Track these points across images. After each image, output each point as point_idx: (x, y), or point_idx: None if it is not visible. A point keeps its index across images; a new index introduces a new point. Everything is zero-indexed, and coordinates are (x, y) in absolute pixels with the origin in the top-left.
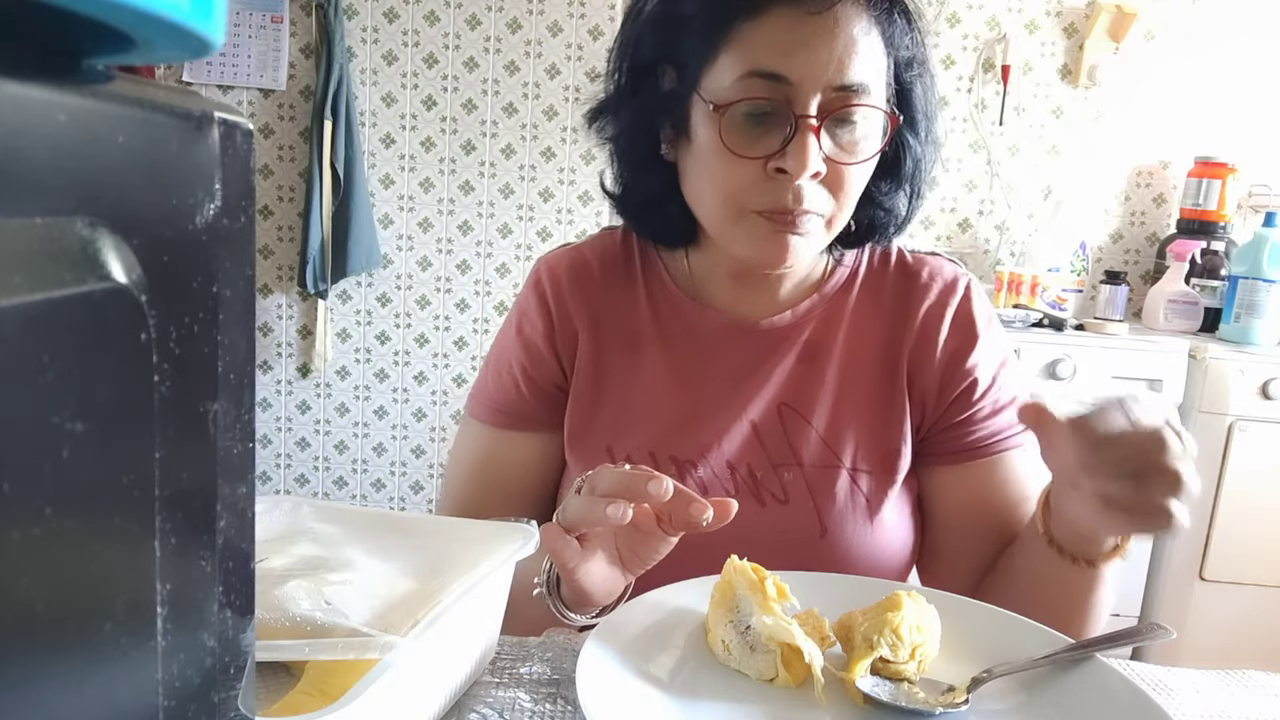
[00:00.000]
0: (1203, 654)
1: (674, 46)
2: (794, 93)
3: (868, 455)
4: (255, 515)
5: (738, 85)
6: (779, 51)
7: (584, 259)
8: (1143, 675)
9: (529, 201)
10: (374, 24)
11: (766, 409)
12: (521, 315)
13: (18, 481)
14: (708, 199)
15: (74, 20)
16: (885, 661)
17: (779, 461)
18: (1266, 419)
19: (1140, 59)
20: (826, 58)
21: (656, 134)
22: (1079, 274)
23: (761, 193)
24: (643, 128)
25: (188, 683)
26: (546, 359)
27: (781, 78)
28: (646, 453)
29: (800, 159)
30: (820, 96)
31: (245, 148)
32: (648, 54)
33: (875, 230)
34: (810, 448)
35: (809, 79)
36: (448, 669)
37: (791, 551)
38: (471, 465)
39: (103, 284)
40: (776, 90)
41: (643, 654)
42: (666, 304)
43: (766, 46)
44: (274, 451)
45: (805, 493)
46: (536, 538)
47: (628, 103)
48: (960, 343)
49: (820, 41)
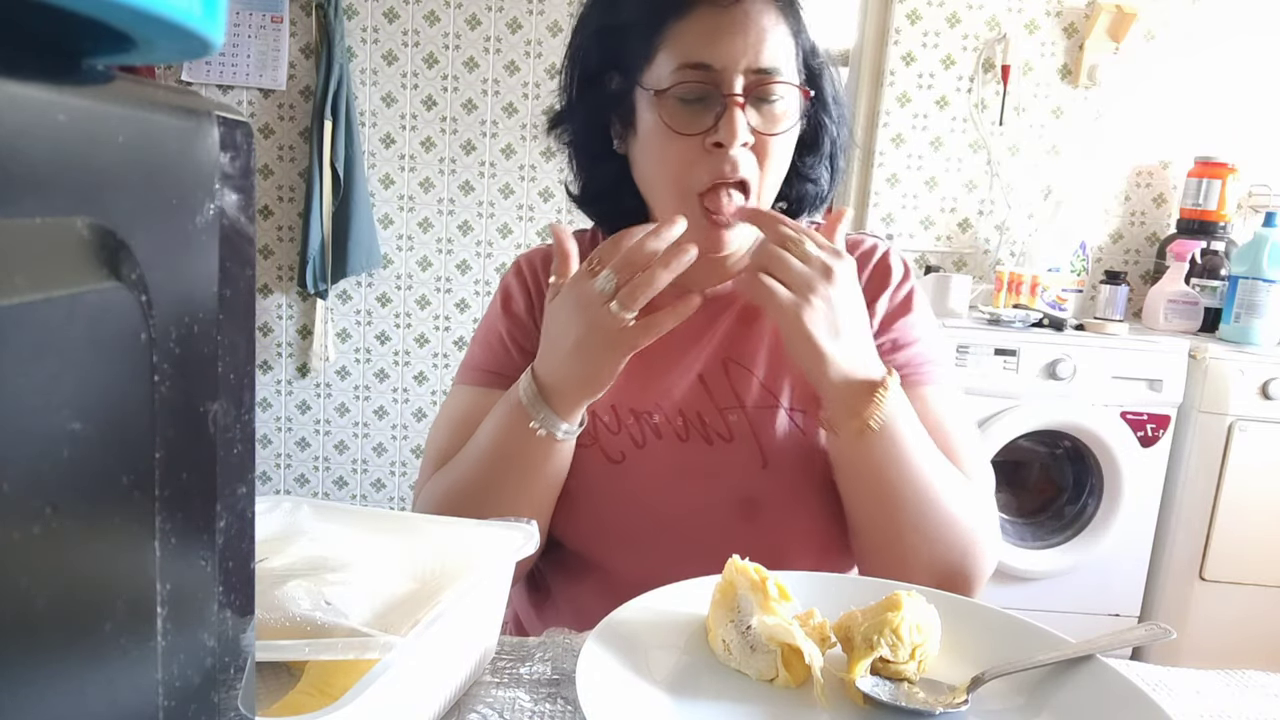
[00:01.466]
0: (1203, 654)
1: (616, 51)
2: (719, 77)
3: (802, 395)
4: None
5: (673, 76)
6: (704, 43)
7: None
8: (1143, 675)
9: (529, 201)
10: (374, 24)
11: (712, 363)
12: (506, 294)
13: (18, 481)
14: (656, 180)
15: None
16: (885, 661)
17: (724, 405)
18: (1266, 419)
19: (1140, 59)
20: (742, 44)
21: (608, 131)
22: (1079, 274)
23: (703, 168)
24: (595, 127)
25: (188, 683)
26: (530, 328)
27: (708, 66)
28: (609, 405)
29: (731, 129)
30: (742, 79)
31: (245, 148)
32: (594, 62)
33: (804, 202)
34: (752, 392)
35: (730, 63)
36: (448, 669)
37: (738, 484)
38: (455, 418)
39: (103, 284)
40: (706, 76)
41: (643, 654)
42: None
43: (694, 40)
44: (274, 451)
45: (748, 430)
46: (537, 537)
47: (580, 107)
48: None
49: (736, 31)
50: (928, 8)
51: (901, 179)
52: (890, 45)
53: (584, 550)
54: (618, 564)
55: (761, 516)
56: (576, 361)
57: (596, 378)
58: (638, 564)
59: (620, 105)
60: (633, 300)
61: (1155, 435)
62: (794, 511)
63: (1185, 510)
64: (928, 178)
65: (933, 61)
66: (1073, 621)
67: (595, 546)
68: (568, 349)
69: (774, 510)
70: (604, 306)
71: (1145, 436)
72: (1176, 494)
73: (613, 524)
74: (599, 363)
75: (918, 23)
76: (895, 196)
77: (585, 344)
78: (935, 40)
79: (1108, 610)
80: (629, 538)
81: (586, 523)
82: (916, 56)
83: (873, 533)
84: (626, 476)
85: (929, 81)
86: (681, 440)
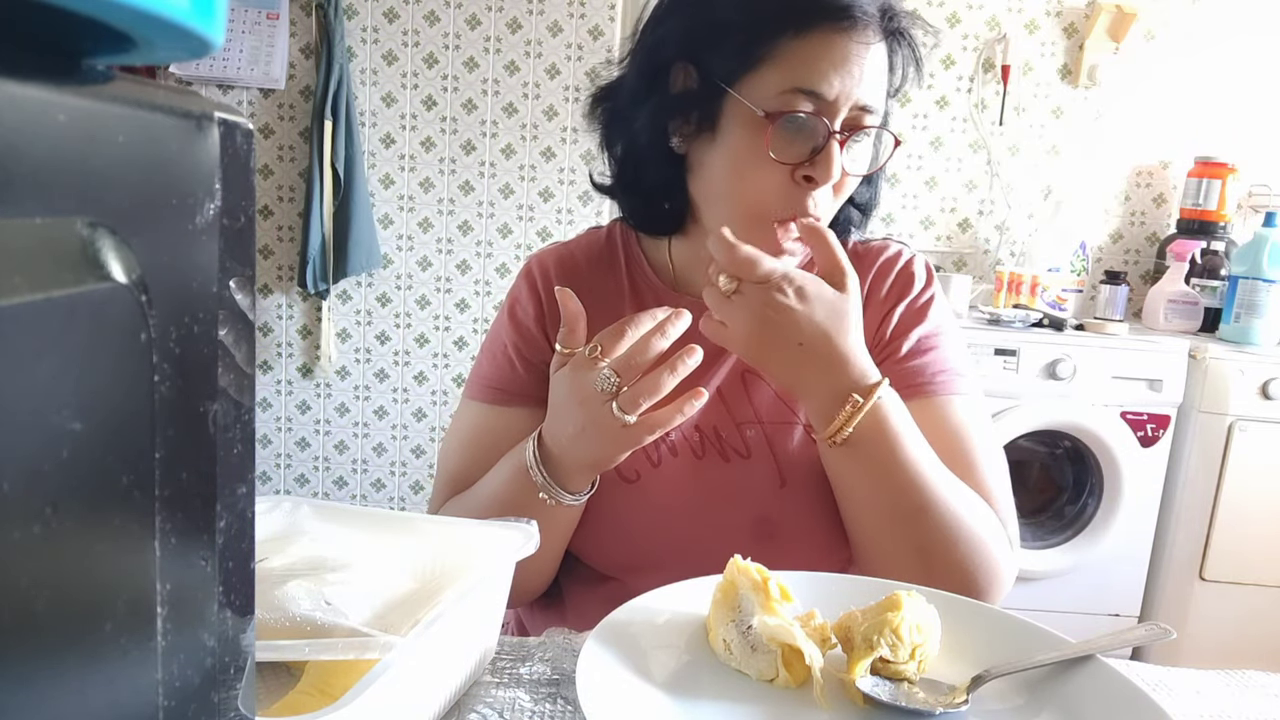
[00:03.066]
0: (1203, 654)
1: (703, 49)
2: (827, 108)
3: None
4: (255, 515)
5: (781, 98)
6: (821, 71)
7: (570, 253)
8: (1143, 675)
9: (529, 201)
10: (374, 24)
11: (732, 376)
12: (514, 301)
13: (18, 481)
14: (730, 197)
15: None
16: (885, 662)
17: (741, 419)
18: (1266, 419)
19: (1140, 59)
20: (858, 78)
21: (667, 127)
22: (1079, 274)
23: (785, 198)
24: (657, 120)
25: (188, 683)
26: (538, 338)
27: (821, 96)
28: None
29: (828, 168)
30: (846, 113)
31: (245, 148)
32: (669, 52)
33: (850, 224)
34: (769, 406)
35: (842, 96)
36: (448, 669)
37: (755, 503)
38: (466, 438)
39: (103, 284)
40: (814, 105)
41: (643, 654)
42: (648, 291)
43: (810, 64)
44: (274, 451)
45: (765, 447)
46: (536, 538)
47: (646, 99)
48: (894, 299)
49: (855, 64)
50: (928, 8)
51: (902, 179)
52: None
53: (598, 566)
54: (631, 580)
55: (779, 536)
56: (579, 447)
57: (599, 463)
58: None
59: (698, 107)
60: (634, 406)
61: (1155, 435)
62: (811, 531)
63: (1185, 510)
64: (928, 178)
65: (933, 61)
66: (1073, 621)
67: (609, 564)
68: (570, 434)
69: (791, 530)
70: (604, 405)
71: (1145, 436)
72: (1176, 494)
73: (627, 543)
74: (601, 453)
75: None
76: (895, 196)
77: (587, 435)
78: (935, 40)
79: (1108, 610)
80: (643, 557)
81: (600, 541)
82: None
83: (865, 546)
84: (642, 496)
85: (929, 81)
86: (698, 457)
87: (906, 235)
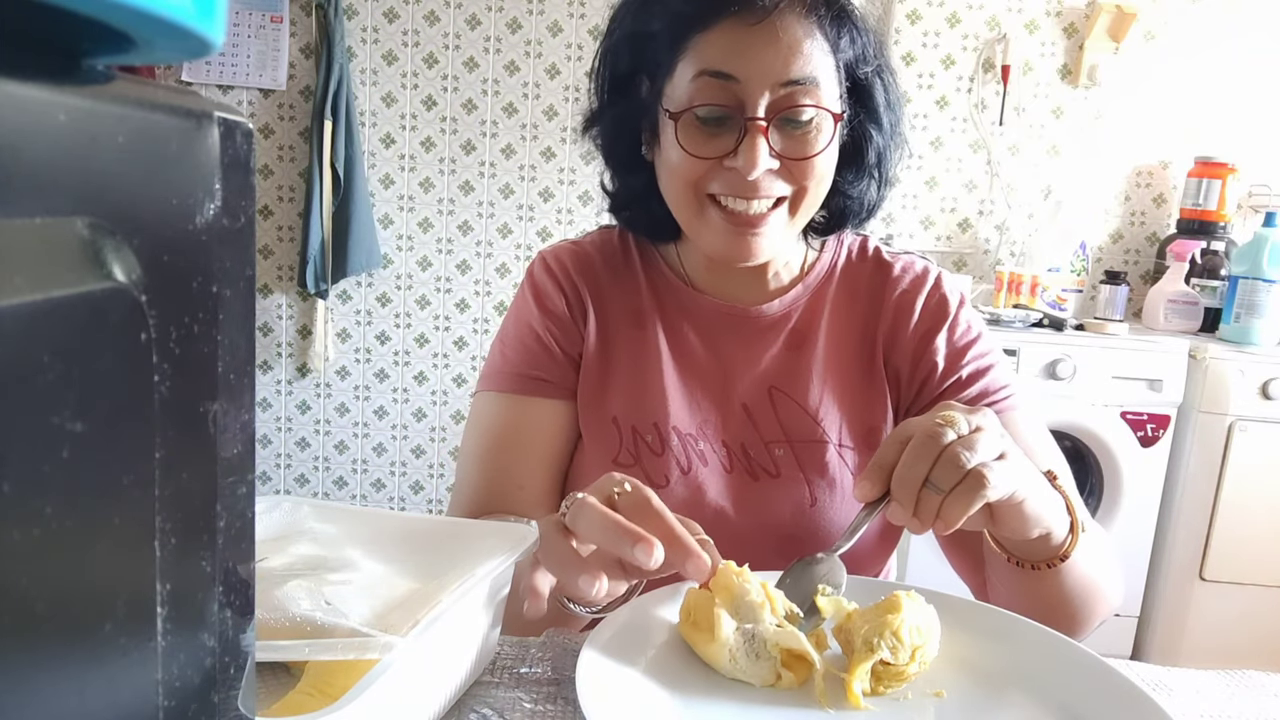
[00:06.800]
0: (1203, 654)
1: (644, 59)
2: (743, 91)
3: (851, 432)
4: (255, 515)
5: (691, 87)
6: (727, 54)
7: (584, 250)
8: (1143, 675)
9: (529, 201)
10: (374, 24)
11: (758, 391)
12: (539, 292)
13: (18, 481)
14: (673, 193)
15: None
16: (886, 664)
17: (770, 439)
18: (1266, 419)
19: (1140, 59)
20: (771, 57)
21: (638, 137)
22: (1079, 274)
23: (718, 178)
24: (623, 132)
25: (188, 683)
26: (570, 326)
27: (730, 76)
28: (650, 424)
29: (750, 158)
30: (768, 95)
31: (245, 148)
32: (623, 67)
33: (846, 218)
34: (799, 426)
35: (755, 76)
36: (448, 669)
37: (784, 523)
38: (494, 435)
39: (103, 284)
40: (727, 91)
41: (643, 654)
42: (665, 287)
43: (716, 51)
44: (274, 451)
45: (795, 467)
46: (536, 537)
47: (609, 112)
48: (931, 324)
49: (764, 44)
50: (928, 8)
51: (902, 179)
52: (890, 45)
53: None
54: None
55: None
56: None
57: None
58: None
59: (648, 114)
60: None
61: (1155, 435)
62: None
63: (1185, 510)
64: (928, 178)
65: (933, 61)
66: None
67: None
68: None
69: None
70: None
71: (1145, 436)
72: (1176, 494)
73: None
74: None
75: (918, 23)
76: (895, 196)
77: None
78: (935, 40)
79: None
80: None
81: None
82: (916, 56)
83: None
84: (669, 500)
85: (929, 81)
86: (726, 471)
87: (906, 235)
